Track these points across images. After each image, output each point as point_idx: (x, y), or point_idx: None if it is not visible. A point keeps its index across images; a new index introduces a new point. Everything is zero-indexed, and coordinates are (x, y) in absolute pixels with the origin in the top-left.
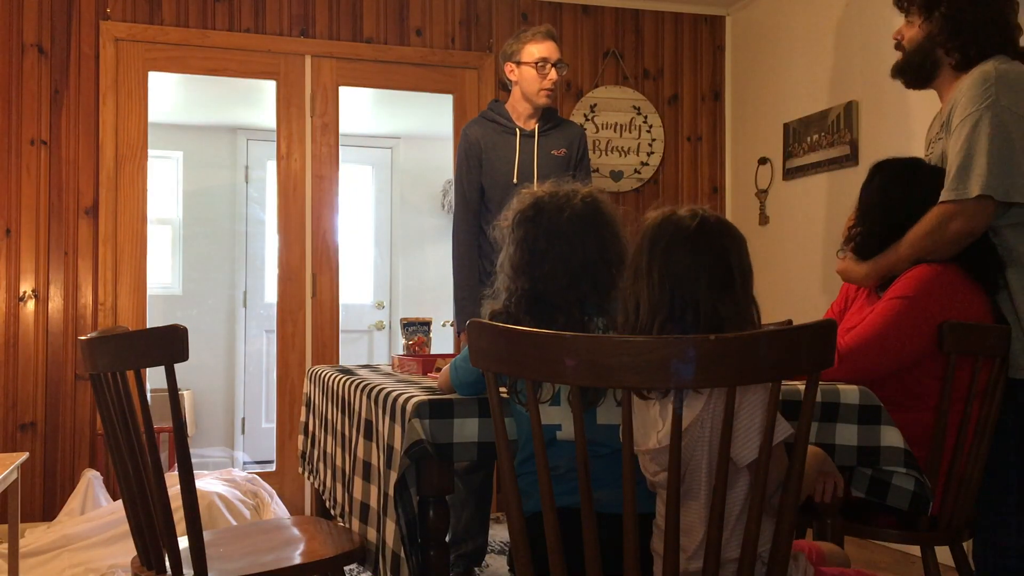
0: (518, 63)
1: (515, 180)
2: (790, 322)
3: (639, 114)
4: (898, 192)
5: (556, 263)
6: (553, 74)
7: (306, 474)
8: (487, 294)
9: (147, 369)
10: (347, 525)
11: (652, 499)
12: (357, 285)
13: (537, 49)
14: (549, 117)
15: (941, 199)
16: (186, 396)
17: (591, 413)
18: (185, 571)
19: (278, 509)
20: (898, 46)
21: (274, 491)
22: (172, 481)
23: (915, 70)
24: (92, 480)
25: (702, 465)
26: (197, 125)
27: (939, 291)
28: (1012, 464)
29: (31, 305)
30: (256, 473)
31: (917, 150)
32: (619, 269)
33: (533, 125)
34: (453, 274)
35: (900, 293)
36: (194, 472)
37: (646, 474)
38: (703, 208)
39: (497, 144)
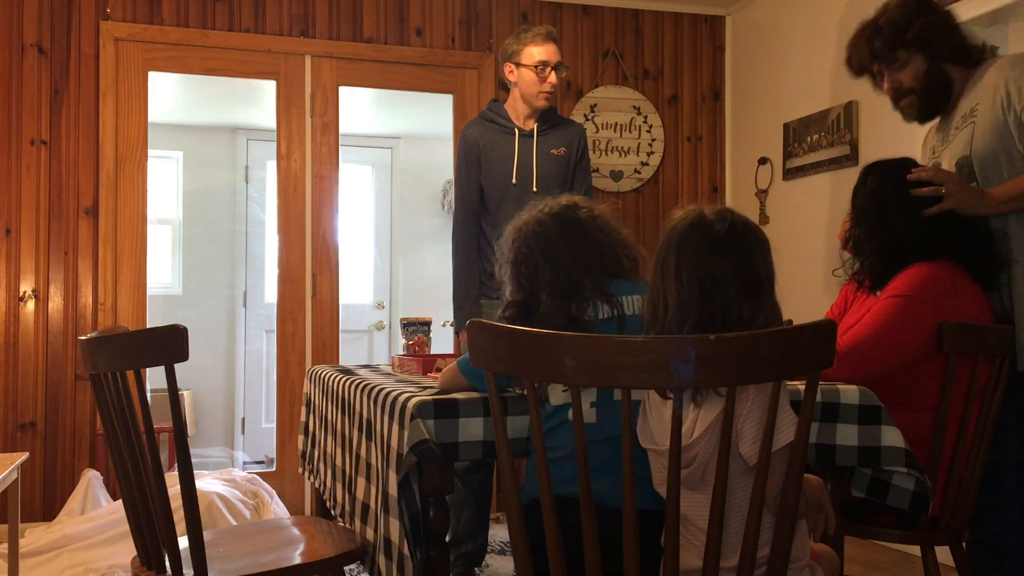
0: (518, 64)
1: (514, 180)
2: (790, 322)
3: (639, 114)
4: (891, 192)
5: (538, 262)
6: (553, 77)
7: (306, 474)
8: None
9: (147, 369)
10: (347, 525)
11: (652, 495)
12: (357, 285)
13: (537, 51)
14: (548, 116)
15: None
16: (186, 396)
17: (607, 388)
18: (185, 571)
19: (278, 509)
20: (899, 94)
21: (274, 491)
22: (172, 481)
23: (940, 98)
24: (92, 480)
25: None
26: (197, 125)
27: (938, 289)
28: (1010, 464)
29: (31, 305)
30: (256, 473)
31: (917, 150)
32: (612, 251)
33: (532, 125)
34: (452, 275)
35: (898, 292)
36: (194, 472)
37: (664, 471)
38: (730, 210)
39: (496, 144)
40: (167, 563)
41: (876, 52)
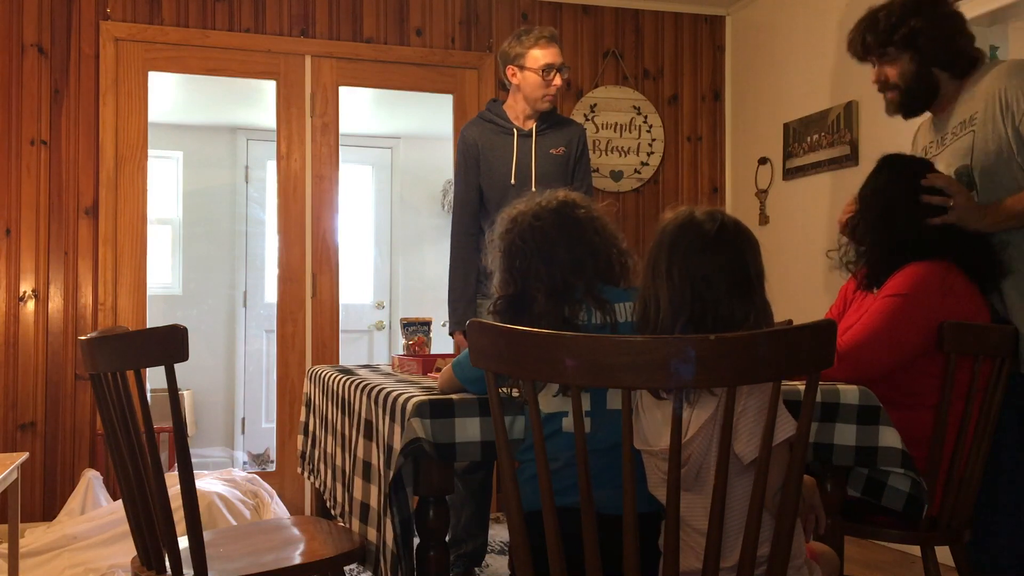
0: (521, 67)
1: (513, 181)
2: (790, 322)
3: (639, 114)
4: (901, 192)
5: (532, 257)
6: (558, 80)
7: (305, 474)
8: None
9: (147, 369)
10: (347, 525)
11: (646, 498)
12: (357, 285)
13: (542, 55)
14: (547, 116)
15: None
16: (186, 396)
17: (601, 397)
18: (185, 571)
19: (278, 509)
20: (885, 86)
21: (274, 491)
22: (172, 481)
23: (923, 98)
24: (92, 480)
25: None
26: (197, 125)
27: (934, 287)
28: (1007, 464)
29: (31, 305)
30: (256, 473)
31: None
32: (607, 255)
33: (531, 125)
34: (449, 275)
35: (896, 291)
36: (194, 472)
37: (658, 473)
38: (720, 210)
39: (495, 145)
40: (167, 563)
41: (867, 46)
